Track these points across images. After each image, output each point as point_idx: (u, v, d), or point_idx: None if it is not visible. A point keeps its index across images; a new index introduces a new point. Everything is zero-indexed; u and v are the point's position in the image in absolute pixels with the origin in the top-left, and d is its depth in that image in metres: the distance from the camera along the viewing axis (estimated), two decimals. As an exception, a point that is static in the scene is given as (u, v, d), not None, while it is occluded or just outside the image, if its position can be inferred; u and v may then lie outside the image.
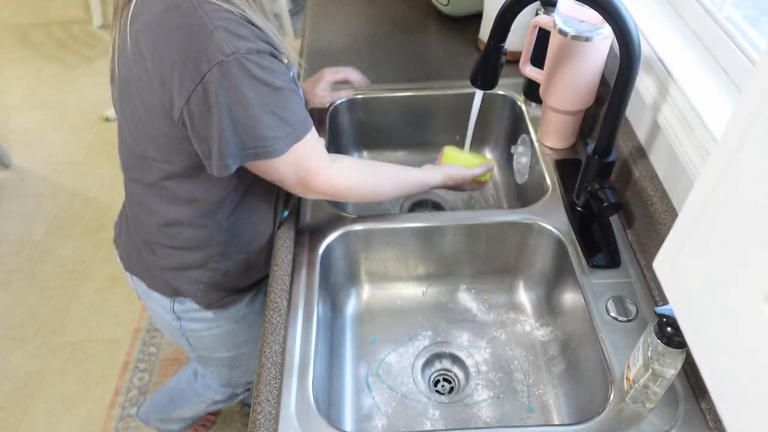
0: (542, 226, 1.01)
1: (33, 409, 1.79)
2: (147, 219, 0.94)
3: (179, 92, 0.73)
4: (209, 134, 0.76)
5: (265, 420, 0.77)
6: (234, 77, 0.72)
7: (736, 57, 0.83)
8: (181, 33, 0.71)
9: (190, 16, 0.71)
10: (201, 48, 0.71)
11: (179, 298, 1.01)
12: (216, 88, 0.72)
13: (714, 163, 0.34)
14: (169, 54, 0.72)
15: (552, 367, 0.98)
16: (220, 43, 0.71)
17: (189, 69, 0.71)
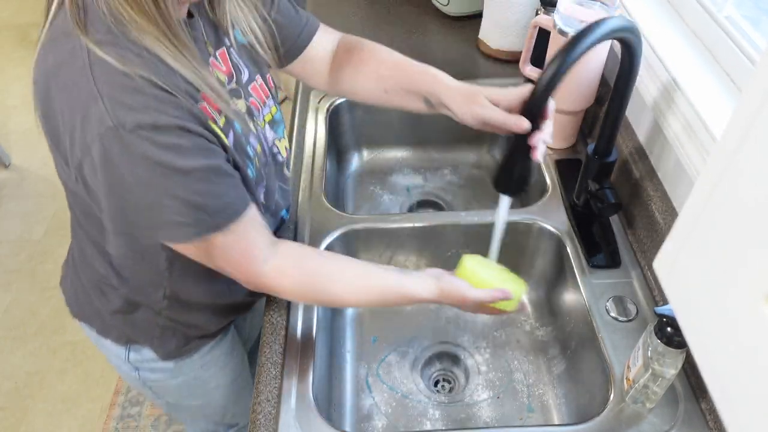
0: (542, 226, 1.01)
1: (33, 409, 1.79)
2: (93, 260, 0.84)
3: (71, 157, 0.64)
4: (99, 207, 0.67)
5: (265, 420, 0.77)
6: (115, 156, 0.61)
7: (736, 57, 0.83)
8: (69, 95, 0.62)
9: (78, 76, 0.61)
10: (85, 115, 0.61)
11: (134, 346, 0.90)
12: (100, 163, 0.61)
13: (714, 163, 0.34)
14: (60, 115, 0.63)
15: (552, 367, 0.98)
16: (102, 114, 0.60)
17: (77, 135, 0.62)
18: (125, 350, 0.91)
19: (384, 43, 0.99)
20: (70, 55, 0.62)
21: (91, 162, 0.62)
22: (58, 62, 0.63)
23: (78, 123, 0.61)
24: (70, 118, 0.62)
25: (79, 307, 0.92)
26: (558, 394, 0.95)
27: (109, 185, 0.63)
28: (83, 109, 0.61)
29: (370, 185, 1.32)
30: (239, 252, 0.72)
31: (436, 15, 1.52)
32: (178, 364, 0.92)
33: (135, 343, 0.90)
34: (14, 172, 2.55)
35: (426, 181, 1.33)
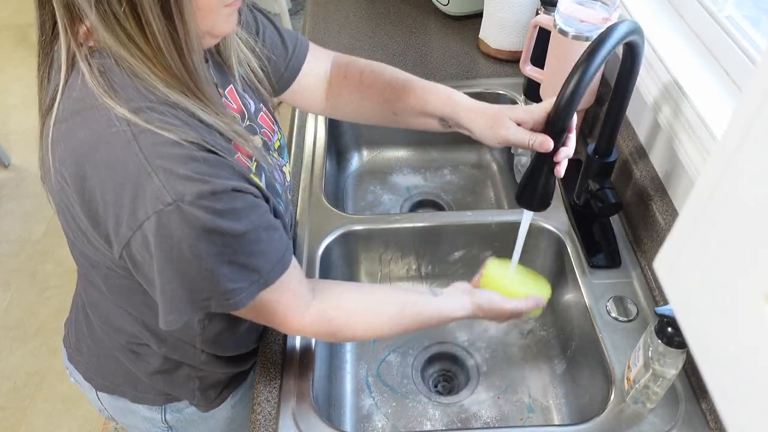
0: (542, 226, 1.01)
1: (33, 409, 1.79)
2: (123, 324, 0.78)
3: (116, 236, 0.60)
4: (154, 281, 0.62)
5: (265, 420, 0.77)
6: (174, 231, 0.57)
7: (736, 57, 0.83)
8: (113, 173, 0.57)
9: (123, 154, 0.56)
10: (137, 193, 0.56)
11: (172, 405, 0.85)
12: (155, 240, 0.57)
13: (714, 162, 0.34)
14: (100, 194, 0.58)
15: (552, 367, 0.98)
16: (158, 190, 0.56)
17: (125, 213, 0.58)
18: (160, 412, 0.86)
19: (384, 42, 0.98)
20: (107, 130, 0.57)
21: (143, 239, 0.58)
22: (94, 139, 0.58)
23: (127, 202, 0.57)
24: (116, 199, 0.57)
25: (106, 379, 0.85)
26: (558, 394, 0.95)
27: (164, 260, 0.59)
28: (134, 188, 0.56)
29: (370, 185, 1.32)
30: (284, 304, 0.69)
31: (436, 15, 1.52)
32: (213, 411, 0.88)
33: (174, 401, 0.85)
34: (14, 172, 2.55)
35: (426, 181, 1.33)
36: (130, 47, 0.58)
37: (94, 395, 0.87)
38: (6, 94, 2.96)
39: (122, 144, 0.57)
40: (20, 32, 3.39)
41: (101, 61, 0.59)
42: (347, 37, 1.44)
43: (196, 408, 0.86)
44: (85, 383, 0.86)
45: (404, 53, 1.39)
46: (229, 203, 0.59)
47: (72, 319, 0.88)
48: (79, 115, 0.59)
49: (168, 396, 0.84)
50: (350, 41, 1.43)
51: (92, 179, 0.58)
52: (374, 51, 1.39)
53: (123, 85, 0.59)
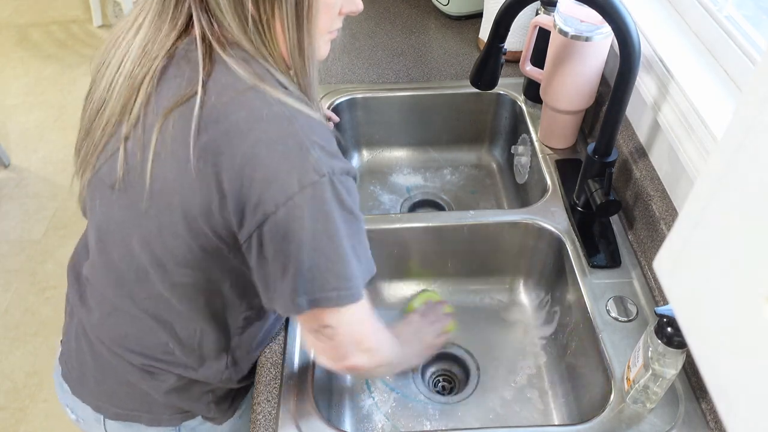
0: (542, 226, 1.01)
1: (33, 409, 1.79)
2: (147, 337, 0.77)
3: (253, 213, 0.61)
4: (279, 266, 0.63)
5: (265, 420, 0.77)
6: (326, 201, 0.61)
7: (736, 56, 0.83)
8: (272, 148, 0.60)
9: (283, 130, 0.61)
10: (293, 166, 0.60)
11: (187, 423, 0.84)
12: (302, 213, 0.60)
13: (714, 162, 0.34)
14: (251, 170, 0.60)
15: (552, 367, 0.98)
16: (316, 162, 0.60)
17: (273, 188, 0.60)
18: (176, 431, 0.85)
19: (384, 42, 0.99)
20: (265, 109, 0.61)
21: (290, 212, 0.60)
22: (252, 118, 0.61)
23: (282, 175, 0.60)
24: (269, 173, 0.60)
25: (118, 406, 0.83)
26: (558, 394, 0.95)
27: (310, 233, 0.61)
28: (292, 162, 0.60)
29: (370, 185, 1.32)
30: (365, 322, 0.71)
31: (436, 15, 1.52)
32: (224, 424, 0.88)
33: (189, 419, 0.84)
34: (14, 172, 2.55)
35: (426, 181, 1.33)
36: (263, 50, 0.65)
37: (101, 429, 0.85)
38: (6, 94, 2.96)
39: (282, 121, 0.61)
40: (20, 32, 3.39)
41: (240, 53, 0.64)
42: (347, 37, 1.44)
43: (210, 423, 0.86)
44: (93, 415, 0.84)
45: (404, 53, 1.39)
46: (353, 186, 0.65)
47: (70, 351, 0.84)
48: (233, 99, 0.62)
49: (184, 414, 0.83)
50: (350, 41, 1.43)
51: (244, 154, 0.60)
52: (374, 51, 1.39)
53: (263, 74, 0.63)
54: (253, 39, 0.64)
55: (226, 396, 0.85)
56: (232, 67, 0.62)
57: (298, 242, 0.61)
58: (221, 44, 0.63)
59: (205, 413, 0.84)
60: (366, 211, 1.26)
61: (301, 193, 0.60)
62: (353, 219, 0.64)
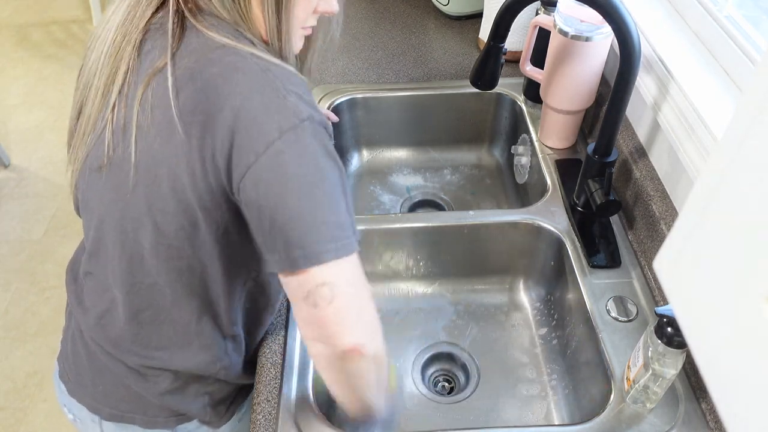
0: (542, 226, 1.01)
1: (33, 409, 1.79)
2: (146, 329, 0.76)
3: (237, 166, 0.60)
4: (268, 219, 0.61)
5: (265, 420, 0.77)
6: (309, 145, 0.60)
7: (736, 56, 0.83)
8: (249, 98, 0.60)
9: (258, 79, 0.61)
10: (271, 112, 0.59)
11: (182, 426, 0.83)
12: (285, 159, 0.59)
13: (714, 162, 0.34)
14: (230, 122, 0.60)
15: (552, 367, 0.98)
16: (295, 107, 0.60)
17: (253, 137, 0.59)
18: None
19: (384, 42, 0.99)
20: (240, 62, 0.62)
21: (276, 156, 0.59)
22: (227, 70, 0.61)
23: (262, 122, 0.59)
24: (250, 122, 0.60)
25: (114, 407, 0.82)
26: (558, 394, 0.95)
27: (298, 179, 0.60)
28: (269, 109, 0.60)
29: (370, 185, 1.32)
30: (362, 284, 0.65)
31: (436, 15, 1.52)
32: (221, 428, 0.87)
33: (185, 422, 0.83)
34: (14, 172, 2.55)
35: (426, 181, 1.33)
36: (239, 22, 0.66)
37: (98, 430, 0.84)
38: (6, 94, 2.96)
39: (257, 72, 0.61)
40: (20, 32, 3.39)
41: (212, 20, 0.65)
42: (347, 37, 1.44)
43: (207, 427, 0.85)
44: (89, 416, 0.83)
45: (404, 53, 1.39)
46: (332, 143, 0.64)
47: (67, 351, 0.85)
48: (204, 57, 0.63)
49: (179, 417, 0.82)
50: (350, 41, 1.43)
51: (222, 108, 0.60)
52: (374, 51, 1.39)
53: (235, 35, 0.65)
54: (229, 11, 0.66)
55: (224, 399, 0.84)
56: (203, 31, 0.64)
57: (285, 189, 0.59)
58: (193, 13, 0.65)
59: (202, 416, 0.83)
60: (366, 211, 1.26)
61: (282, 138, 0.59)
62: (337, 167, 0.63)
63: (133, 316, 0.76)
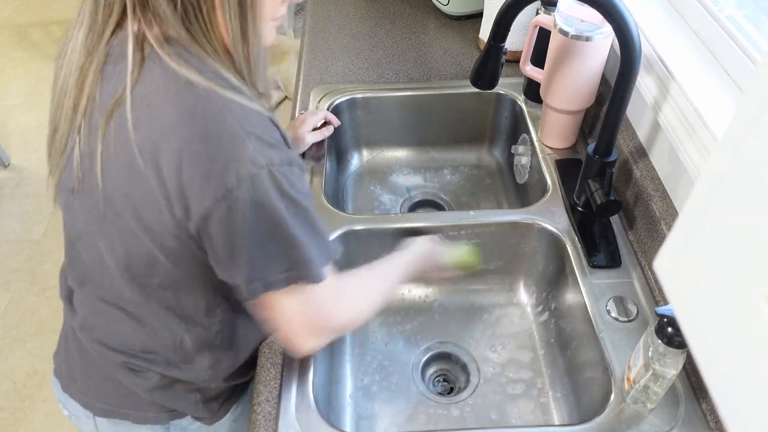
0: (542, 226, 1.01)
1: (33, 409, 1.79)
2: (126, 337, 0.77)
3: (196, 209, 0.61)
4: (230, 255, 0.64)
5: (265, 420, 0.77)
6: (266, 192, 0.61)
7: (737, 56, 0.83)
8: (206, 143, 0.59)
9: (217, 123, 0.60)
10: (230, 159, 0.59)
11: (175, 422, 0.83)
12: (243, 206, 0.60)
13: (715, 162, 0.34)
14: (189, 166, 0.60)
15: (552, 367, 0.98)
16: (253, 154, 0.60)
17: (212, 184, 0.60)
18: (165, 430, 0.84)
19: (384, 42, 0.99)
20: (198, 103, 0.60)
21: (232, 204, 0.60)
22: (185, 113, 0.60)
23: (219, 169, 0.59)
24: (208, 168, 0.59)
25: (105, 402, 0.82)
26: (558, 394, 0.95)
27: (254, 223, 0.61)
28: (228, 155, 0.59)
29: (370, 185, 1.32)
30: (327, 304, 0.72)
31: (436, 15, 1.52)
32: (215, 425, 0.87)
33: (177, 418, 0.83)
34: (13, 172, 2.55)
35: (426, 181, 1.33)
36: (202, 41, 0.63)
37: (91, 425, 0.85)
38: (5, 94, 2.96)
39: (215, 113, 0.60)
40: (20, 32, 3.39)
41: (175, 47, 0.62)
42: (347, 37, 1.44)
43: (200, 423, 0.85)
44: (83, 411, 0.84)
45: (404, 53, 1.39)
46: (298, 175, 0.65)
47: (61, 349, 0.87)
48: (164, 95, 0.61)
49: (171, 413, 0.82)
50: (350, 41, 1.43)
51: (181, 153, 0.60)
52: (374, 51, 1.39)
53: (199, 67, 0.62)
54: (189, 28, 0.62)
55: (216, 396, 0.84)
56: (166, 61, 0.61)
57: (244, 234, 0.62)
58: (157, 39, 0.62)
59: (194, 413, 0.83)
60: (366, 211, 1.26)
61: (239, 186, 0.59)
62: (298, 208, 0.64)
63: (116, 324, 0.77)
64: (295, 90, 1.33)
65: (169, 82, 0.61)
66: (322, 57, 1.38)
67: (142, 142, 0.61)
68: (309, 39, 1.45)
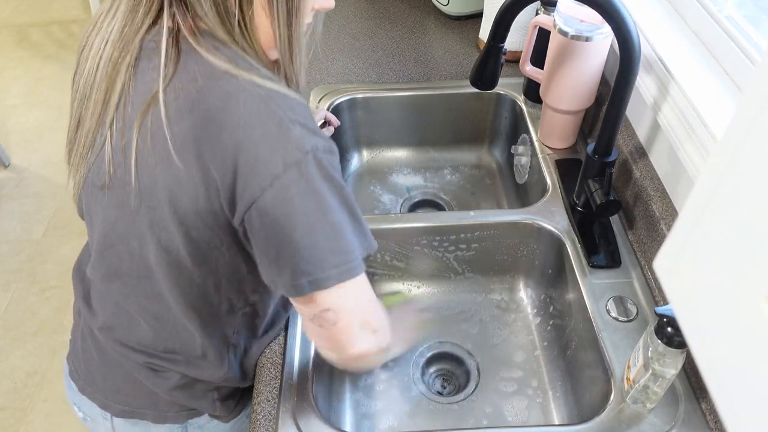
0: (542, 226, 1.01)
1: (33, 409, 1.79)
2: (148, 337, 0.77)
3: (241, 199, 0.61)
4: (275, 248, 0.62)
5: (265, 420, 0.77)
6: (313, 178, 0.60)
7: (736, 56, 0.83)
8: (250, 130, 0.59)
9: (260, 110, 0.60)
10: (276, 146, 0.59)
11: (192, 420, 0.83)
12: (290, 194, 0.59)
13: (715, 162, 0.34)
14: (232, 156, 0.59)
15: (552, 367, 0.98)
16: (299, 140, 0.59)
17: (258, 172, 0.59)
18: (182, 429, 0.84)
19: (384, 42, 0.99)
20: (240, 92, 0.60)
21: (280, 191, 0.59)
22: (226, 102, 0.60)
23: (264, 156, 0.59)
24: (252, 156, 0.59)
25: (125, 403, 0.82)
26: (558, 394, 0.95)
27: (304, 214, 0.60)
28: (273, 142, 0.59)
29: (370, 185, 1.32)
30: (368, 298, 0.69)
31: (436, 15, 1.52)
32: (231, 422, 0.87)
33: (195, 416, 0.83)
34: (14, 172, 2.55)
35: (426, 181, 1.33)
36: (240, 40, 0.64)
37: (108, 426, 0.84)
38: (6, 94, 2.96)
39: (258, 103, 0.60)
40: (20, 32, 3.39)
41: (211, 41, 0.62)
42: (347, 37, 1.44)
43: (217, 421, 0.85)
44: (100, 413, 0.84)
45: (404, 53, 1.39)
46: (338, 163, 0.64)
47: (77, 350, 0.85)
48: (204, 86, 0.60)
49: (189, 411, 0.83)
50: (350, 41, 1.43)
51: (224, 142, 0.59)
52: (374, 51, 1.39)
53: (235, 59, 0.62)
54: (228, 28, 0.63)
55: (232, 394, 0.85)
56: (203, 54, 0.61)
57: (291, 223, 0.60)
58: (192, 33, 0.62)
59: (211, 411, 0.84)
60: (366, 211, 1.26)
61: (286, 173, 0.59)
62: (344, 193, 0.63)
63: (138, 323, 0.77)
64: (295, 90, 1.33)
65: (207, 73, 0.61)
66: (322, 57, 1.38)
67: (182, 135, 0.60)
68: (309, 39, 1.44)
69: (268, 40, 0.66)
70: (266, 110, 0.60)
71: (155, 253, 0.68)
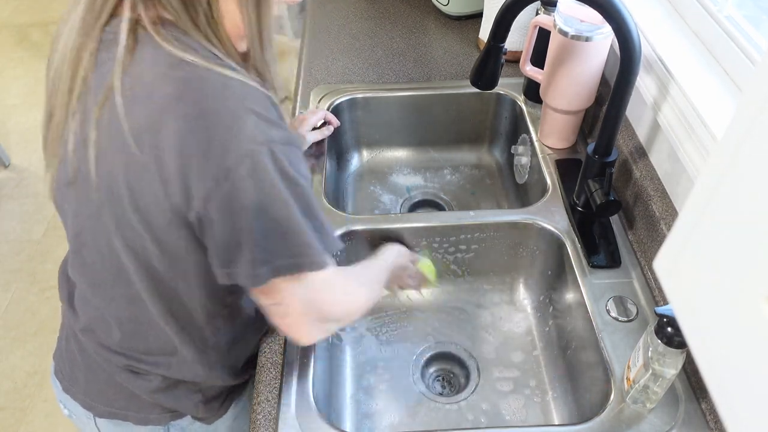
0: (542, 226, 1.01)
1: (33, 409, 1.79)
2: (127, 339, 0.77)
3: (197, 190, 0.59)
4: (233, 239, 0.61)
5: (265, 420, 0.77)
6: (267, 171, 0.59)
7: (736, 56, 0.83)
8: (203, 120, 0.57)
9: (214, 98, 0.58)
10: (229, 136, 0.57)
11: (175, 422, 0.83)
12: (245, 185, 0.58)
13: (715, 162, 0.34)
14: (186, 147, 0.58)
15: (552, 367, 0.98)
16: (252, 131, 0.58)
17: (211, 163, 0.58)
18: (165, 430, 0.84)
19: (384, 42, 0.99)
20: (196, 79, 0.58)
21: (229, 189, 0.58)
22: (181, 90, 0.58)
23: (218, 147, 0.57)
24: (206, 146, 0.57)
25: (107, 404, 0.82)
26: (558, 394, 0.95)
27: (257, 205, 0.59)
28: (226, 132, 0.57)
29: (370, 185, 1.32)
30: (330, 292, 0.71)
31: (436, 15, 1.52)
32: (215, 423, 0.87)
33: (178, 418, 0.83)
34: (14, 172, 2.55)
35: (426, 181, 1.33)
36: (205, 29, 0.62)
37: (92, 425, 0.84)
38: (6, 94, 2.96)
39: (213, 92, 0.58)
40: (20, 32, 3.39)
41: (173, 31, 0.61)
42: (347, 37, 1.44)
43: (200, 423, 0.85)
44: (83, 412, 0.84)
45: (404, 53, 1.39)
46: (298, 155, 0.63)
47: (62, 349, 0.86)
48: (159, 74, 0.59)
49: (172, 413, 0.82)
50: (350, 41, 1.43)
51: (179, 132, 0.58)
52: (374, 51, 1.39)
53: (195, 47, 0.61)
54: (193, 16, 0.61)
55: (216, 396, 0.84)
56: (160, 43, 0.59)
57: (247, 213, 0.60)
58: (153, 23, 0.60)
59: (194, 413, 0.83)
60: (366, 211, 1.26)
61: (239, 165, 0.58)
62: (299, 189, 0.62)
63: (117, 325, 0.76)
64: (295, 90, 1.33)
65: (162, 60, 0.59)
66: (322, 57, 1.38)
67: (138, 125, 0.59)
68: (309, 39, 1.45)
69: (235, 27, 0.64)
70: (221, 99, 0.58)
71: (125, 254, 0.67)
